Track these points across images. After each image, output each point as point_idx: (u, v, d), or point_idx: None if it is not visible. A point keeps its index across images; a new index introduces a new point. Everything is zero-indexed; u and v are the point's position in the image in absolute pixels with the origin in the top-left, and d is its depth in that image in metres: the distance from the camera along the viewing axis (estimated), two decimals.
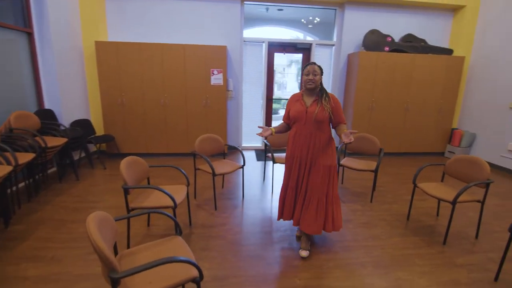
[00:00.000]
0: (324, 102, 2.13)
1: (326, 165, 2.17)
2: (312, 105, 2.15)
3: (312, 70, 2.11)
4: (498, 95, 4.46)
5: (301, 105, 2.18)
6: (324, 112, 2.11)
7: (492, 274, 2.10)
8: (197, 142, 3.14)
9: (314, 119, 2.11)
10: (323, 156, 2.17)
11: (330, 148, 2.19)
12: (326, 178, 2.18)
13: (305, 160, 2.20)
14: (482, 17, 4.73)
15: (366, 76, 4.77)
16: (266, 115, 5.51)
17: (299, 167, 2.24)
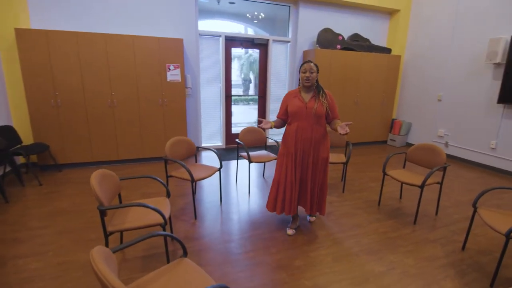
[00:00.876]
0: (322, 98, 2.29)
1: (324, 156, 2.38)
2: (310, 100, 2.29)
3: (309, 68, 2.24)
4: (429, 89, 5.20)
5: (300, 101, 2.30)
6: (322, 107, 2.27)
7: (459, 244, 2.42)
8: (168, 146, 2.81)
9: (314, 114, 2.26)
10: (321, 149, 2.36)
11: (326, 141, 2.39)
12: (322, 168, 2.41)
13: (308, 153, 2.35)
14: (413, 21, 5.43)
15: (322, 73, 4.99)
16: (226, 112, 5.32)
17: (302, 161, 2.37)
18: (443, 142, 4.97)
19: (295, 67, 5.36)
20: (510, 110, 3.98)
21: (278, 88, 5.57)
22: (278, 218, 2.80)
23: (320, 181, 2.43)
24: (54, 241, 2.33)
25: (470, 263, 2.20)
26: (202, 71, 4.96)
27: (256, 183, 3.72)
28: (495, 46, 3.92)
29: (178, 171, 2.85)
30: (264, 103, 5.58)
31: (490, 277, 2.03)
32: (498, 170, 4.20)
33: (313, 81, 2.27)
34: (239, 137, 3.60)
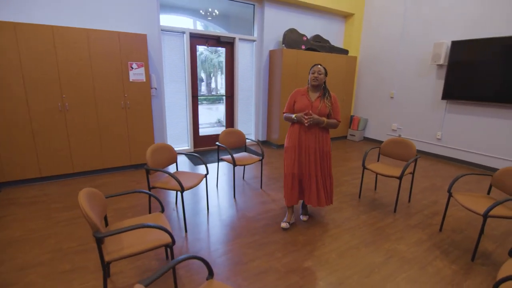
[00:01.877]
0: (326, 100, 2.50)
1: (326, 150, 2.58)
2: (316, 100, 2.50)
3: (317, 70, 2.46)
4: (382, 87, 5.72)
5: (307, 99, 2.51)
6: (326, 109, 2.48)
7: (436, 227, 2.71)
8: (149, 154, 2.52)
9: (318, 113, 2.45)
10: (323, 143, 2.55)
11: (328, 137, 2.59)
12: (324, 162, 2.58)
13: (314, 148, 2.52)
14: (366, 24, 5.90)
15: (289, 73, 5.09)
16: (193, 113, 5.04)
17: (309, 154, 2.52)
18: (396, 135, 5.52)
19: (262, 67, 5.36)
20: (452, 105, 4.61)
21: (245, 88, 5.50)
22: (272, 221, 2.75)
23: (327, 174, 2.60)
24: (18, 280, 1.89)
25: (449, 242, 2.47)
26: (166, 70, 4.60)
27: (238, 186, 3.60)
28: (438, 49, 4.49)
29: (162, 181, 2.58)
30: (232, 103, 5.45)
31: (469, 253, 2.31)
32: (444, 158, 4.85)
33: (320, 81, 2.47)
34: (219, 139, 3.43)
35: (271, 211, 2.95)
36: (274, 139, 5.44)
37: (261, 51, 5.31)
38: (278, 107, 5.18)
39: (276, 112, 5.28)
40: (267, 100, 5.55)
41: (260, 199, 3.22)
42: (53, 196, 3.18)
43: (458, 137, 4.56)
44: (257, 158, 3.41)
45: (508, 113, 3.97)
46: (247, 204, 3.11)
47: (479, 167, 4.37)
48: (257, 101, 5.61)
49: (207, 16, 4.92)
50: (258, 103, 5.62)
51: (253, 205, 3.07)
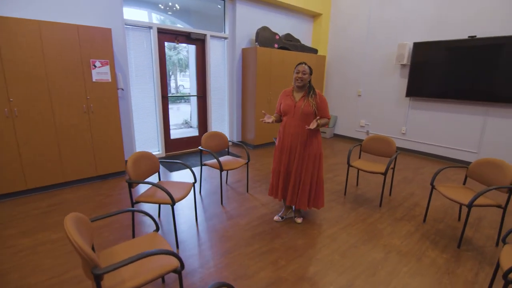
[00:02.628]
0: (310, 98, 2.42)
1: (312, 153, 2.50)
2: (300, 100, 2.44)
3: (302, 69, 2.38)
4: (350, 86, 5.97)
5: (291, 100, 2.47)
6: (309, 107, 2.39)
7: (419, 218, 2.87)
8: (130, 165, 2.23)
9: (301, 112, 2.40)
10: (310, 146, 2.48)
11: (316, 139, 2.51)
12: (312, 165, 2.52)
13: (295, 148, 2.48)
14: (333, 24, 6.08)
15: (264, 72, 5.01)
16: (163, 115, 4.68)
17: (289, 154, 2.52)
18: (364, 131, 5.82)
19: (235, 65, 5.19)
20: (415, 102, 4.99)
21: (218, 87, 5.28)
22: (267, 227, 2.65)
23: (313, 177, 2.53)
24: None
25: (434, 232, 2.63)
26: (132, 69, 4.18)
27: (223, 191, 3.42)
28: (402, 50, 4.82)
29: (146, 195, 2.31)
30: (205, 103, 5.19)
31: (454, 240, 2.48)
32: (409, 150, 5.24)
33: (305, 81, 2.41)
34: (202, 143, 3.21)
35: (264, 216, 2.85)
36: (250, 139, 5.33)
37: (233, 49, 5.14)
38: (254, 106, 5.08)
39: (251, 111, 5.17)
40: (241, 99, 5.41)
41: (250, 204, 3.10)
42: (5, 220, 2.66)
43: (421, 131, 4.95)
44: (242, 161, 3.27)
45: (464, 108, 4.42)
46: (237, 210, 2.96)
47: (440, 158, 4.81)
48: (231, 101, 5.43)
49: (167, 10, 4.57)
50: (231, 103, 5.45)
51: (244, 211, 2.93)
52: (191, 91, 6.79)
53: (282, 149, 2.57)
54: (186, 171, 4.09)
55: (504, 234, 1.79)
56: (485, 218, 2.90)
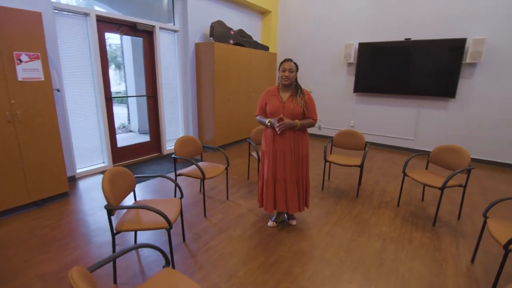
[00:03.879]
0: (299, 98, 2.31)
1: (303, 154, 2.42)
2: (288, 100, 2.31)
3: (289, 67, 2.24)
4: (300, 83, 6.15)
5: (278, 100, 2.32)
6: (299, 107, 2.29)
7: (393, 203, 3.15)
8: (105, 184, 1.77)
9: (291, 113, 2.27)
10: (301, 147, 2.39)
11: (305, 139, 2.42)
12: (301, 166, 2.44)
13: (290, 152, 2.34)
14: (282, 22, 6.17)
15: (221, 68, 4.74)
16: (108, 120, 3.96)
17: (284, 159, 2.35)
18: (317, 126, 6.14)
19: (188, 62, 4.76)
20: (361, 98, 5.49)
21: (170, 85, 4.76)
22: (265, 233, 2.50)
23: (304, 178, 2.47)
24: None
25: (409, 214, 2.92)
26: (65, 65, 3.39)
27: (200, 202, 3.10)
28: (349, 50, 5.21)
29: (129, 221, 1.88)
30: (156, 103, 4.62)
31: (427, 219, 2.80)
32: None
33: (292, 79, 2.29)
34: (175, 150, 2.82)
35: (256, 223, 2.68)
36: (208, 140, 5.00)
37: (185, 44, 4.70)
38: (212, 105, 4.77)
39: (209, 111, 4.85)
40: (196, 98, 5.01)
41: (236, 212, 2.88)
42: None
43: (367, 124, 5.49)
44: (222, 167, 3.01)
45: (402, 102, 5.07)
46: (226, 221, 2.71)
47: (385, 146, 5.42)
48: (185, 100, 4.98)
49: None
50: (186, 102, 5.00)
51: (233, 221, 2.70)
52: (130, 90, 6.01)
53: (274, 154, 2.38)
54: (148, 184, 3.56)
55: (484, 210, 2.07)
56: (438, 195, 3.37)
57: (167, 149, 4.85)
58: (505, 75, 4.12)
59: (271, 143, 2.38)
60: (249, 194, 3.30)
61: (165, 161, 4.40)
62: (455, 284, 1.96)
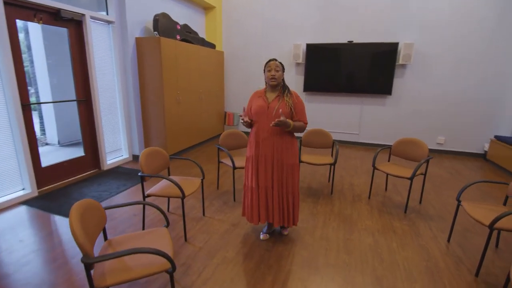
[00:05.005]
0: (286, 97, 2.14)
1: (289, 163, 2.20)
2: (274, 100, 2.14)
3: (274, 66, 2.12)
4: (251, 82, 6.05)
5: (263, 101, 2.16)
6: (285, 107, 2.10)
7: (364, 195, 3.32)
8: (76, 227, 1.30)
9: (275, 114, 2.09)
10: (286, 155, 2.18)
11: (293, 147, 2.21)
12: (290, 176, 2.22)
13: (271, 159, 2.18)
14: (227, 19, 5.88)
15: (170, 67, 4.20)
16: (28, 133, 3.04)
17: (266, 166, 2.19)
18: None
19: (129, 59, 4.06)
20: (310, 96, 5.70)
21: (107, 87, 3.98)
22: (263, 249, 2.28)
23: (290, 190, 2.24)
24: None
25: (381, 205, 3.11)
26: None
27: (173, 224, 2.65)
28: (297, 50, 5.33)
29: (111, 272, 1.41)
30: (90, 109, 3.79)
31: (398, 208, 3.03)
32: None
33: (279, 79, 2.14)
34: (141, 167, 2.31)
35: (247, 238, 2.43)
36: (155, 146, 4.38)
37: (123, 38, 3.99)
38: (162, 108, 4.20)
39: (157, 115, 4.25)
40: (139, 101, 4.33)
41: (220, 230, 2.55)
42: None
43: (317, 121, 5.75)
44: (197, 180, 2.62)
45: (347, 100, 5.46)
46: (213, 242, 2.37)
47: None
48: (126, 104, 4.26)
49: None
50: (127, 106, 4.27)
51: (222, 241, 2.39)
52: (43, 94, 4.86)
53: (256, 159, 2.21)
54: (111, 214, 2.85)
55: (457, 195, 2.33)
56: (397, 184, 3.73)
57: (107, 164, 4.05)
58: (428, 75, 4.88)
59: (253, 148, 2.21)
60: (225, 206, 2.99)
61: (109, 179, 3.66)
62: (445, 264, 2.14)
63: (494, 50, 4.49)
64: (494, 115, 4.70)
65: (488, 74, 4.60)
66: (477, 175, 4.14)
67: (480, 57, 4.57)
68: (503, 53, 4.46)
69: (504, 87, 4.57)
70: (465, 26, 4.54)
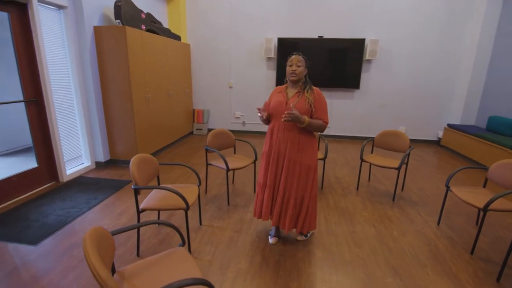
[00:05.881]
0: (307, 94, 2.03)
1: (304, 164, 2.07)
2: (293, 96, 2.05)
3: (296, 60, 2.03)
4: (220, 78, 5.76)
5: (283, 96, 2.08)
6: (305, 104, 1.99)
7: (352, 188, 3.42)
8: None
9: None
10: (302, 155, 2.06)
11: (311, 147, 2.08)
12: (303, 179, 2.09)
13: (283, 157, 2.08)
14: (191, 10, 5.46)
15: (137, 60, 3.73)
16: None
17: (277, 163, 2.11)
18: (240, 122, 5.95)
19: (87, 51, 3.48)
20: None
21: (61, 84, 3.36)
22: (275, 255, 2.17)
23: (300, 192, 2.10)
24: None
25: (370, 195, 3.25)
26: None
27: (169, 236, 2.36)
28: (269, 44, 5.22)
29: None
30: (42, 111, 3.16)
31: (385, 196, 3.20)
32: None
33: (300, 75, 2.04)
34: (134, 178, 1.98)
35: (255, 244, 2.29)
36: (126, 153, 3.91)
37: (79, 27, 3.40)
38: (130, 107, 3.72)
39: (124, 115, 3.77)
40: (101, 100, 3.78)
41: (223, 238, 2.36)
42: None
43: None
44: (194, 187, 2.37)
45: None
46: (219, 254, 2.17)
47: None
48: (85, 104, 3.67)
49: None
50: (87, 107, 3.69)
51: (228, 251, 2.21)
52: None
53: (269, 156, 2.15)
54: None
55: (446, 181, 2.52)
56: (376, 174, 3.93)
57: (67, 174, 3.46)
58: (391, 70, 5.25)
59: (267, 144, 2.15)
60: (221, 212, 2.79)
61: (73, 192, 3.12)
62: (443, 245, 2.32)
63: (444, 47, 5.03)
64: (446, 106, 5.30)
65: (440, 68, 5.14)
66: (436, 160, 4.62)
67: (433, 54, 5.08)
68: (451, 50, 5.02)
69: (453, 80, 5.16)
70: (420, 25, 4.98)
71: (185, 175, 3.70)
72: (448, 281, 1.94)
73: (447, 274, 2.00)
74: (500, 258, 2.18)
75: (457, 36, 4.95)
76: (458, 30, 4.93)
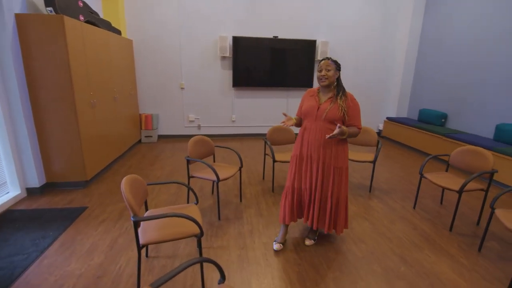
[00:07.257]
0: (340, 101, 2.02)
1: (336, 167, 2.11)
2: (326, 102, 2.06)
3: (325, 65, 2.00)
4: (169, 78, 5.20)
5: (315, 100, 2.09)
6: (337, 111, 2.00)
7: None
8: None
9: (325, 117, 2.01)
10: (336, 158, 2.09)
11: (342, 150, 2.12)
12: (337, 180, 2.13)
13: (317, 160, 2.09)
14: (130, 3, 4.74)
15: (78, 58, 3.02)
16: None
17: (311, 166, 2.12)
18: (195, 126, 5.52)
19: (8, 47, 2.63)
20: (239, 92, 5.48)
21: None
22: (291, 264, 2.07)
23: (335, 195, 2.13)
24: None
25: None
26: None
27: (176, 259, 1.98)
28: (224, 43, 4.96)
29: None
30: None
31: (362, 188, 3.41)
32: (239, 135, 5.78)
33: (331, 79, 2.01)
34: (127, 202, 1.56)
35: (267, 257, 2.12)
36: (69, 173, 3.15)
37: None
38: (73, 115, 3.00)
39: (66, 126, 3.02)
40: (30, 108, 2.94)
41: (230, 257, 2.11)
42: None
43: (247, 117, 5.64)
44: (192, 206, 2.04)
45: (274, 93, 5.59)
46: (235, 274, 1.92)
47: (263, 136, 5.83)
48: (7, 115, 2.79)
49: None
50: (9, 118, 2.81)
51: (242, 272, 1.98)
52: None
53: (301, 159, 2.15)
54: None
55: (420, 169, 2.83)
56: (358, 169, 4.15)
57: None
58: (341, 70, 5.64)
59: (299, 147, 2.16)
60: (214, 228, 2.50)
61: (5, 234, 2.32)
62: (426, 227, 2.61)
63: (381, 51, 5.71)
64: (384, 101, 6.04)
65: (378, 70, 5.82)
66: (383, 149, 5.21)
67: (372, 57, 5.72)
68: (386, 54, 5.73)
69: (389, 80, 5.91)
70: (362, 30, 5.53)
71: (168, 193, 3.19)
72: (445, 259, 2.16)
73: (442, 252, 2.24)
74: (469, 230, 2.56)
75: (390, 42, 5.70)
76: (391, 37, 5.68)
